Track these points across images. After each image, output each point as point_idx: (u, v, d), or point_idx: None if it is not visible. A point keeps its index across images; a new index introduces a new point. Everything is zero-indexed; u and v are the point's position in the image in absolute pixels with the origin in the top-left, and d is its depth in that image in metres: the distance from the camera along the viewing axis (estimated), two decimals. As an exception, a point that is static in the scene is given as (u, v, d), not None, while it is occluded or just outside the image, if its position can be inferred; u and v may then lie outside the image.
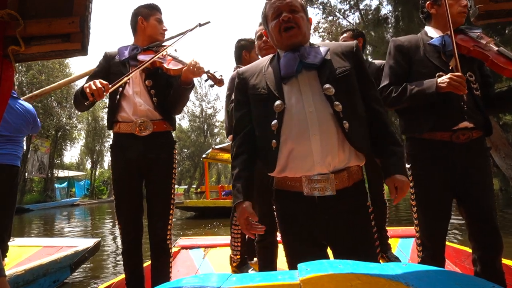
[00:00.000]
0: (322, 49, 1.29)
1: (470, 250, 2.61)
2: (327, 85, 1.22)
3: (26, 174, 21.98)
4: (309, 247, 1.28)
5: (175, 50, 2.09)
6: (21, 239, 4.04)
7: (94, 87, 1.71)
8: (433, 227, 1.70)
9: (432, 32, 1.80)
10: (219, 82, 1.96)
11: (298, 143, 1.21)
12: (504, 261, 1.70)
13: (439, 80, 1.61)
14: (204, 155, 14.18)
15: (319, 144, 1.20)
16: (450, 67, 1.68)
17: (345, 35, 2.80)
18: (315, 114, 1.21)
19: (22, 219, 13.48)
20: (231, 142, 1.75)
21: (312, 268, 0.84)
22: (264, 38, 2.27)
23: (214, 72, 1.96)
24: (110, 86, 1.77)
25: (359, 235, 1.25)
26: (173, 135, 2.21)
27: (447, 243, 2.08)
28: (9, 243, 3.08)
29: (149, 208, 2.05)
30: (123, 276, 2.17)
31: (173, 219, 2.07)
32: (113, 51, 2.12)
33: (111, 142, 2.11)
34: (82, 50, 1.10)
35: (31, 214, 16.01)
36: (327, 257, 1.30)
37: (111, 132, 2.14)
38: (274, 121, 1.24)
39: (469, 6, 1.72)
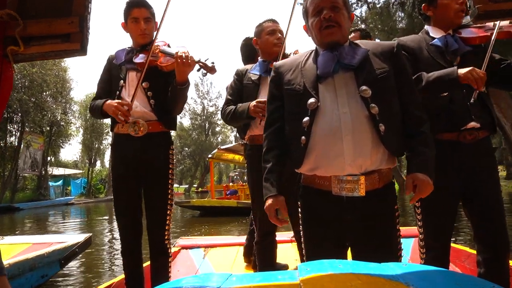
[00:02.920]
0: (361, 50, 1.27)
1: (470, 250, 2.61)
2: (364, 87, 1.20)
3: (18, 171, 21.26)
4: (330, 246, 1.27)
5: (169, 45, 2.03)
6: (11, 237, 3.98)
7: (119, 111, 1.84)
8: (440, 227, 1.68)
9: (434, 32, 1.79)
10: (211, 69, 1.89)
11: (328, 143, 1.20)
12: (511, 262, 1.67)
13: (459, 70, 1.56)
14: (210, 155, 14.16)
15: (352, 145, 1.18)
16: (455, 66, 1.67)
17: (353, 34, 2.79)
18: (349, 115, 1.19)
19: (11, 219, 13.16)
20: (236, 143, 1.74)
21: (312, 268, 0.84)
22: (278, 35, 2.17)
23: (206, 60, 1.89)
24: (130, 103, 1.88)
25: (383, 237, 1.24)
26: (174, 134, 2.20)
27: None
28: None
29: (146, 209, 2.05)
30: (122, 276, 2.18)
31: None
32: (113, 54, 2.12)
33: (109, 140, 2.11)
34: (82, 50, 1.10)
35: (21, 214, 15.60)
36: (345, 259, 1.29)
37: (109, 129, 2.14)
38: (306, 118, 1.24)
39: (468, 6, 1.72)
